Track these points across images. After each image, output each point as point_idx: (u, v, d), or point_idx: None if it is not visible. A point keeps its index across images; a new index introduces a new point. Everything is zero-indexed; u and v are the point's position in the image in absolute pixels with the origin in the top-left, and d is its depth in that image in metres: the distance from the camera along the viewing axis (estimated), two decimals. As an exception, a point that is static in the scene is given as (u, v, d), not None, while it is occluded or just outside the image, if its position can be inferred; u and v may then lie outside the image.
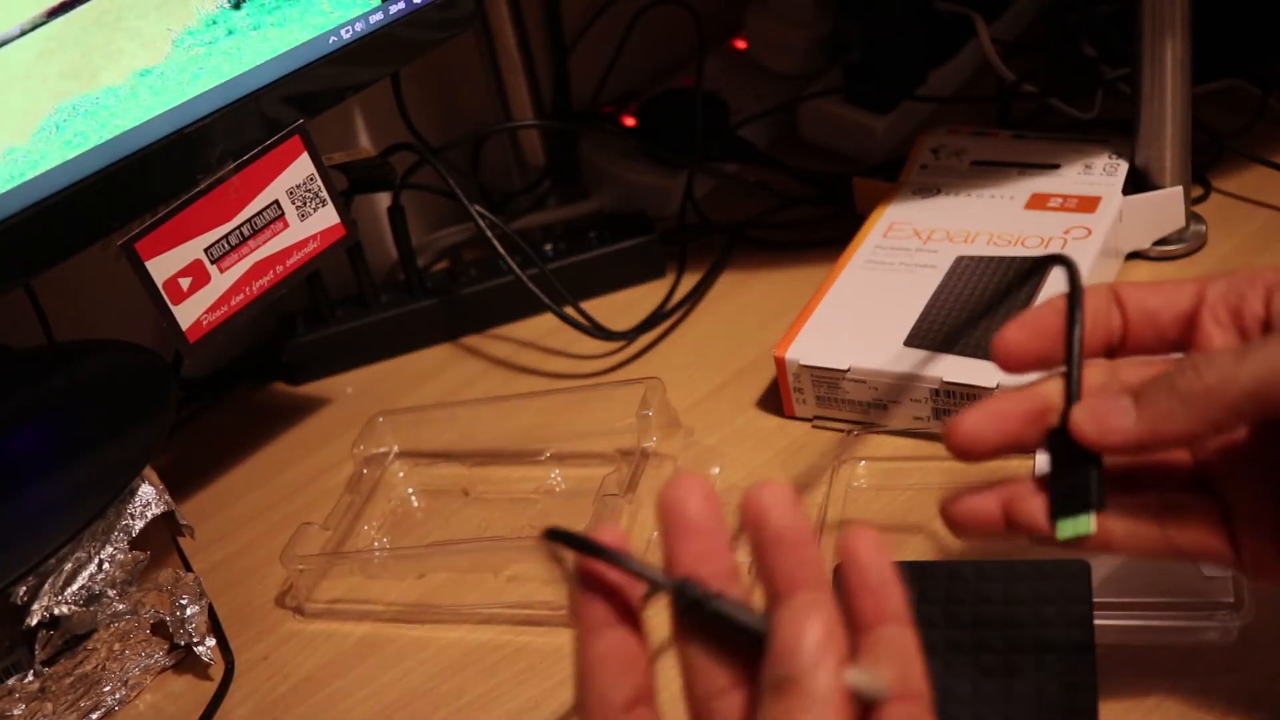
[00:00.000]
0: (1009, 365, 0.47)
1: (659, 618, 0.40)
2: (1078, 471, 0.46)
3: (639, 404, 0.71)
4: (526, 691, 0.62)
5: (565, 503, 0.72)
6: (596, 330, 0.83)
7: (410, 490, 0.76)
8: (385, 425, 0.77)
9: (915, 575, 0.56)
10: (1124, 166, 0.80)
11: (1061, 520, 0.46)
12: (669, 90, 0.99)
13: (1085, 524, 0.46)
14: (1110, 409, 0.45)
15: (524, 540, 0.69)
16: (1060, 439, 0.46)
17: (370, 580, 0.70)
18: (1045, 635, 0.53)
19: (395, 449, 0.77)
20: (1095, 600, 0.54)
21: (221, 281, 0.69)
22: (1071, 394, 0.46)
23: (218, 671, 0.66)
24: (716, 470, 0.70)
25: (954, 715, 0.52)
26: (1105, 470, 0.46)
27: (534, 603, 0.66)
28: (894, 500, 0.67)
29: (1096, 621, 0.53)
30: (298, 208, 0.71)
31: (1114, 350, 0.49)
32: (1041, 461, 0.47)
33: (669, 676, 0.40)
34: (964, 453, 0.46)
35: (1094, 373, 0.47)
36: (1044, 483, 0.47)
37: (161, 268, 0.66)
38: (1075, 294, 0.47)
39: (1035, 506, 0.47)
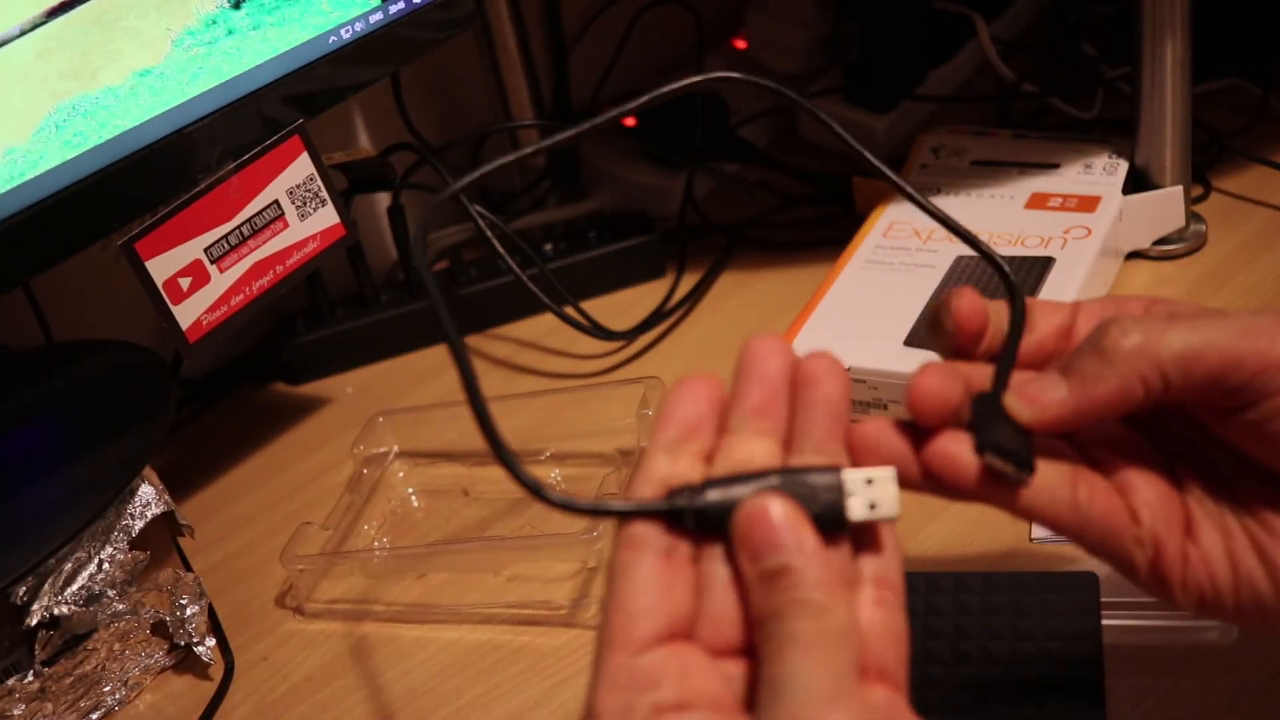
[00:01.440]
0: (924, 418, 0.44)
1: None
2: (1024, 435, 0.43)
3: (639, 404, 0.71)
4: (526, 691, 0.62)
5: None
6: (596, 330, 0.83)
7: (410, 490, 0.76)
8: (385, 425, 0.77)
9: (921, 586, 0.56)
10: (1124, 166, 0.80)
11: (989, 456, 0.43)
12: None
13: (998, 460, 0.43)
14: (1040, 386, 0.43)
15: (524, 540, 0.69)
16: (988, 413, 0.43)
17: (370, 580, 0.70)
18: (1053, 648, 0.53)
19: (395, 449, 0.77)
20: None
21: (221, 281, 0.69)
22: (1002, 376, 0.44)
23: (218, 671, 0.66)
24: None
25: None
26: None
27: (534, 603, 0.66)
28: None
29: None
30: (297, 208, 0.71)
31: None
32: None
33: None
34: (923, 413, 0.43)
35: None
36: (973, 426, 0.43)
37: (161, 268, 0.66)
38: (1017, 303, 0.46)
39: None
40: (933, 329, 0.46)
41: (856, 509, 0.38)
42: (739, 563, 0.38)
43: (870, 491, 0.39)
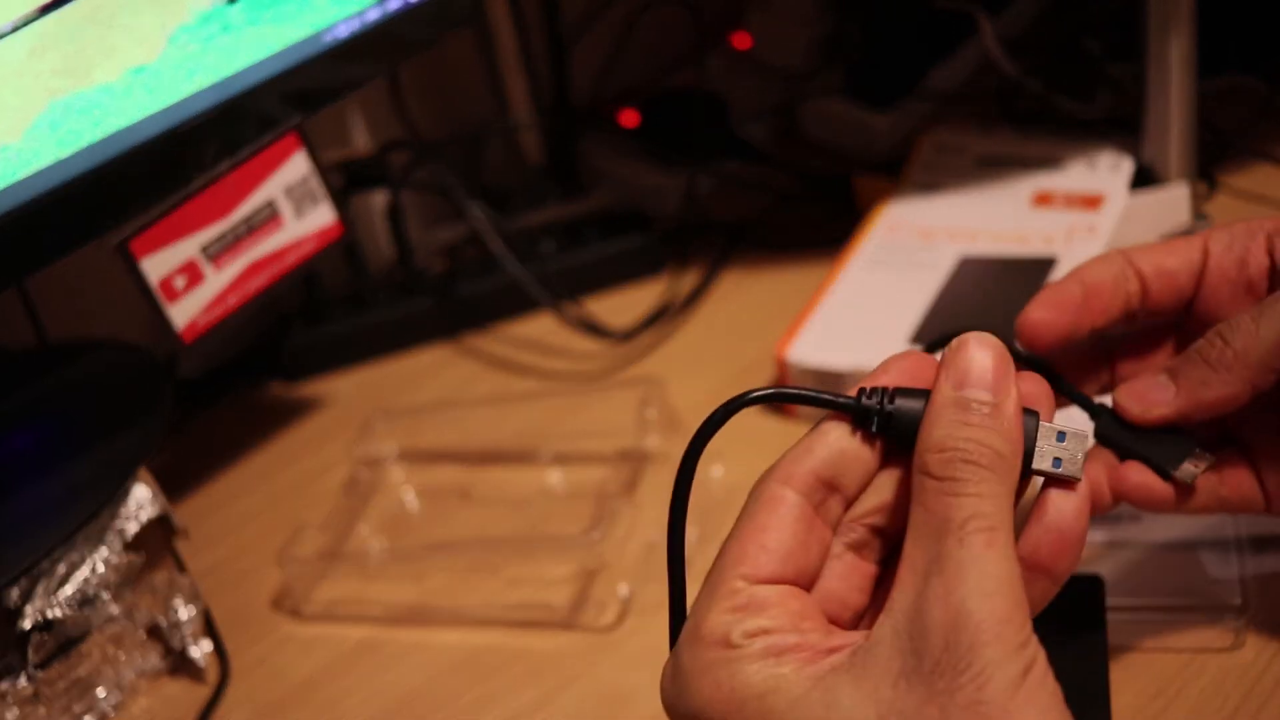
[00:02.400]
0: (1035, 345, 0.51)
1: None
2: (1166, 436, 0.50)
3: (640, 405, 0.71)
4: (525, 694, 0.61)
5: (565, 504, 0.71)
6: (595, 329, 0.83)
7: (409, 491, 0.75)
8: (384, 425, 0.76)
9: None
10: (1129, 163, 0.79)
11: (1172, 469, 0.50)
12: (669, 89, 0.98)
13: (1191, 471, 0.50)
14: (1150, 386, 0.49)
15: (524, 542, 0.69)
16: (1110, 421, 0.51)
17: (368, 582, 0.69)
18: (1056, 652, 0.52)
19: (394, 450, 0.76)
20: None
21: (217, 281, 0.68)
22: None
23: (213, 675, 0.66)
24: (720, 471, 0.70)
25: None
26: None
27: (533, 605, 0.65)
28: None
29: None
30: (294, 206, 0.71)
31: (1134, 314, 0.52)
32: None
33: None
34: (1034, 342, 0.51)
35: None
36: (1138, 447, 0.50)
37: (156, 267, 0.66)
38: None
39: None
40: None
41: (1041, 458, 0.38)
42: (939, 389, 0.39)
43: (1059, 448, 0.38)
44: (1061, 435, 0.39)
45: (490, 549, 0.69)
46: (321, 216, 0.72)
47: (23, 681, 0.62)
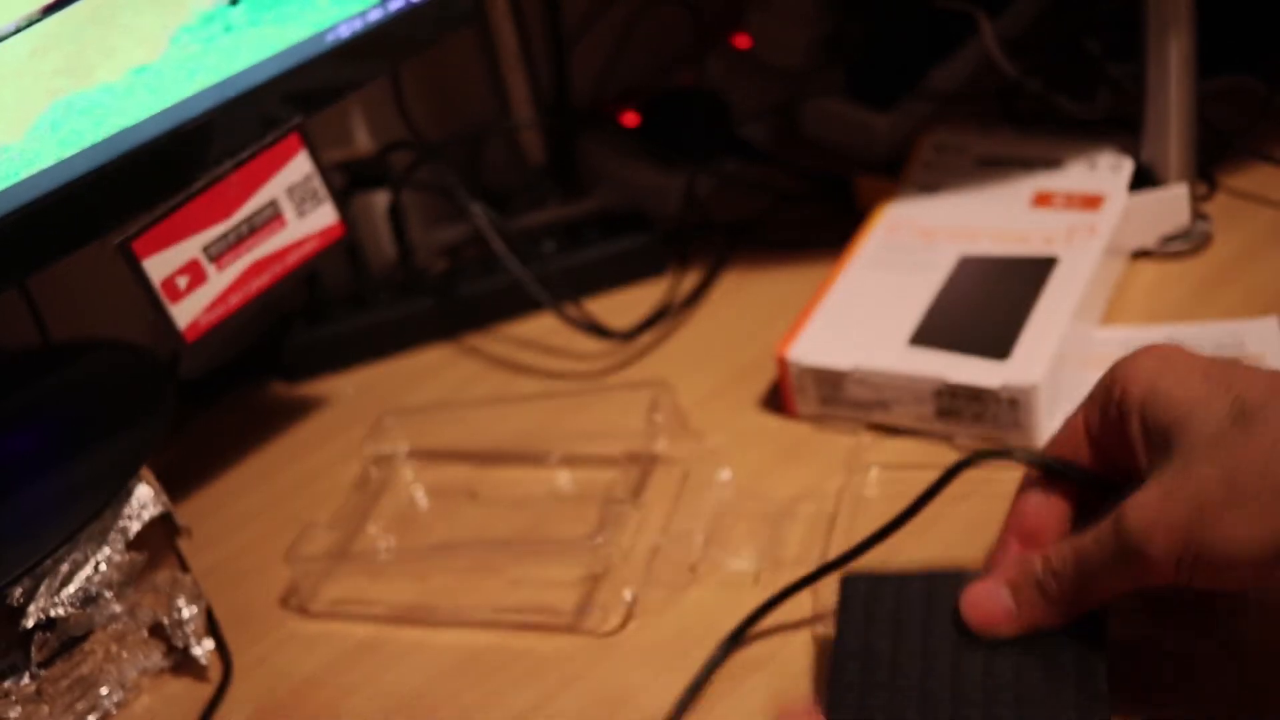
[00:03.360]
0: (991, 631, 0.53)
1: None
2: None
3: (648, 408, 0.71)
4: (527, 694, 0.62)
5: (573, 505, 0.72)
6: (597, 329, 0.83)
7: (417, 490, 0.75)
8: (394, 424, 0.77)
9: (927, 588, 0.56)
10: (1128, 164, 0.79)
11: None
12: (670, 89, 0.98)
13: None
14: (992, 597, 0.52)
15: (530, 546, 0.69)
16: None
17: (372, 581, 0.69)
18: (1052, 638, 0.53)
19: (404, 448, 0.77)
20: None
21: (219, 281, 0.68)
22: None
23: (216, 674, 0.66)
24: (727, 474, 0.70)
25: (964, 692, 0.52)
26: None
27: (536, 606, 0.65)
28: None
29: None
30: (296, 206, 0.71)
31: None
32: None
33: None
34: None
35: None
36: None
37: (158, 267, 0.66)
38: None
39: None
40: None
41: None
42: None
43: None
44: None
45: (495, 551, 0.69)
46: (323, 216, 0.72)
47: (26, 680, 0.63)
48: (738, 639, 0.60)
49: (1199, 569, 0.47)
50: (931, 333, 0.71)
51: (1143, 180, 0.79)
